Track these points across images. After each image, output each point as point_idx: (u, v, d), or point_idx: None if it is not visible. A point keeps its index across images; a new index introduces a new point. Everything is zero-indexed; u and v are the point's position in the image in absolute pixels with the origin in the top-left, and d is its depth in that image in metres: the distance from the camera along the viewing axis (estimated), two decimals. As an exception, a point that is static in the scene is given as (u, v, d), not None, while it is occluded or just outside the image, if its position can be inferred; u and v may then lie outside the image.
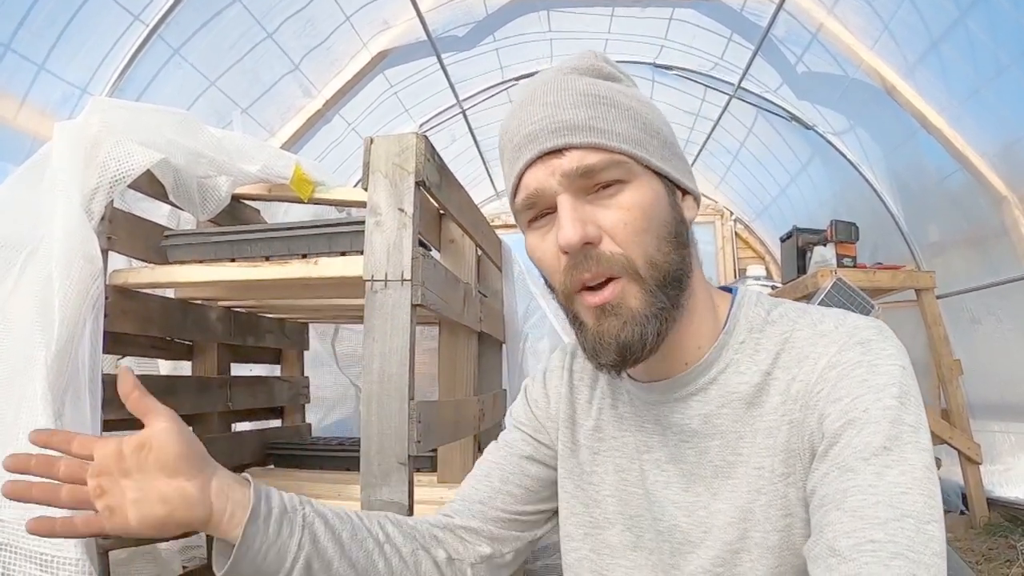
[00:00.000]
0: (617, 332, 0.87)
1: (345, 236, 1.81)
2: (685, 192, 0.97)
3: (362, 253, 1.64)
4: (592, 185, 0.88)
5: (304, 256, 1.86)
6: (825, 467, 0.82)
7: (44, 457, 0.86)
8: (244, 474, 0.92)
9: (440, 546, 1.08)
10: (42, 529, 0.82)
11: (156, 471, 0.84)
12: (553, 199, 0.88)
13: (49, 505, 0.84)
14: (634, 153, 0.88)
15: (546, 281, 0.97)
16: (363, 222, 1.65)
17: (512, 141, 0.92)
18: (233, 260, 1.94)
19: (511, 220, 6.88)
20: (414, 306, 1.57)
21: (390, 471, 1.52)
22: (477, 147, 6.32)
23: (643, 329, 0.87)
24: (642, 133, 0.90)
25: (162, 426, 0.85)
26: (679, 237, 0.92)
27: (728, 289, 1.04)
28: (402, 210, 1.59)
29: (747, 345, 0.95)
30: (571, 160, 0.87)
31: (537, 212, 0.92)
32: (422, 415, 1.59)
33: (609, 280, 0.87)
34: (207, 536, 2.59)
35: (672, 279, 0.89)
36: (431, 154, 1.69)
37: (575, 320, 0.93)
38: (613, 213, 0.87)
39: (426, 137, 1.65)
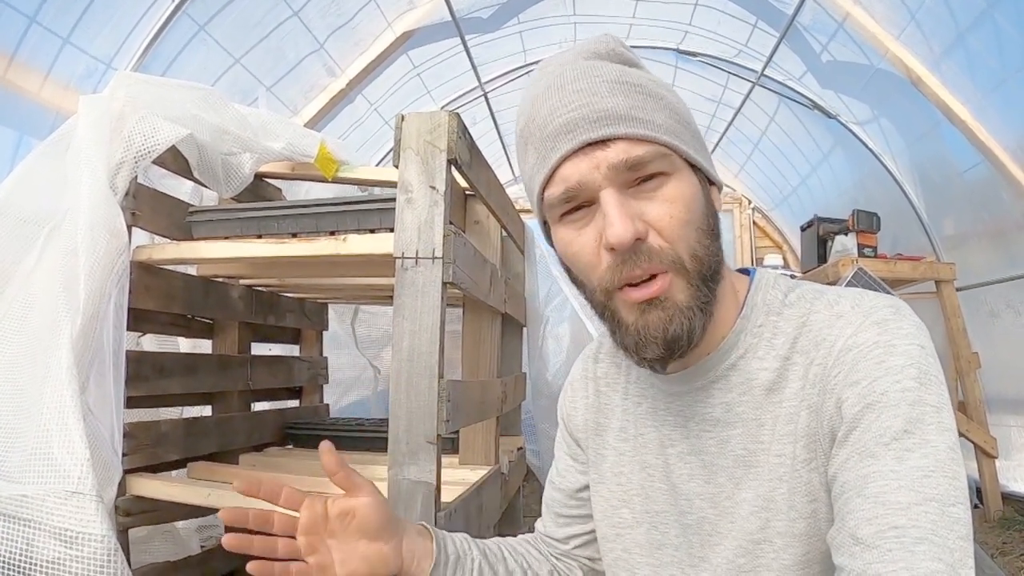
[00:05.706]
0: (664, 325, 0.85)
1: (374, 213, 1.80)
2: (711, 182, 0.94)
3: (391, 231, 1.62)
4: (635, 178, 0.84)
5: (332, 233, 1.84)
6: (845, 453, 0.81)
7: (260, 513, 0.96)
8: (423, 523, 1.09)
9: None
10: (264, 572, 0.93)
11: (358, 535, 0.98)
12: (595, 193, 0.84)
13: (267, 557, 0.95)
14: (675, 145, 0.86)
15: (571, 276, 0.95)
16: (393, 199, 1.64)
17: (543, 130, 0.86)
18: (260, 236, 1.93)
19: (528, 205, 6.85)
20: (445, 284, 1.56)
21: (418, 450, 1.52)
22: (497, 130, 6.29)
23: (691, 323, 0.86)
24: (677, 124, 0.88)
25: (366, 500, 0.98)
26: (714, 229, 0.90)
27: (746, 271, 1.02)
28: (433, 187, 1.57)
29: (765, 329, 0.94)
30: (617, 152, 0.83)
31: (574, 205, 0.87)
32: (451, 394, 1.58)
33: (653, 276, 0.85)
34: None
35: (712, 272, 0.88)
36: (463, 132, 1.67)
37: (613, 318, 0.90)
38: (658, 206, 0.84)
39: (458, 115, 1.64)
